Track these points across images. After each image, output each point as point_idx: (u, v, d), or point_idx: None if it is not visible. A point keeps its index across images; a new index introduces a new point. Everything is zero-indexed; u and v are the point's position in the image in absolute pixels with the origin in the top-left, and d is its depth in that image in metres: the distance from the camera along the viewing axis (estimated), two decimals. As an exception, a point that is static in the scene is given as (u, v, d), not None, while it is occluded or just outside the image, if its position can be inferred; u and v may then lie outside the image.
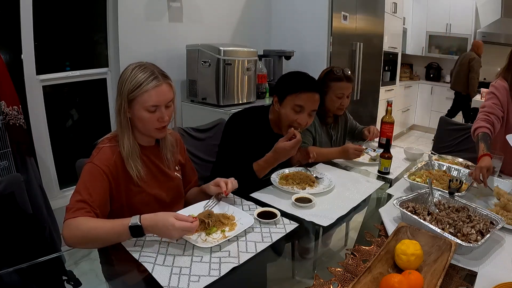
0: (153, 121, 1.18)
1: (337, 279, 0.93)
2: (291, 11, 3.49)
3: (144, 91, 1.14)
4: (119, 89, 1.18)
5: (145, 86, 1.14)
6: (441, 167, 1.69)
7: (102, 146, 1.19)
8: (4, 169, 1.91)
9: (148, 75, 1.16)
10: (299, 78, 1.55)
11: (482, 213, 1.18)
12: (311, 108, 1.54)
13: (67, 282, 0.96)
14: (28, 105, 2.25)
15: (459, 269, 0.98)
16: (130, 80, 1.15)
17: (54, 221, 1.99)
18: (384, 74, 4.77)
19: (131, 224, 0.99)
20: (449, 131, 2.51)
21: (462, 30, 5.51)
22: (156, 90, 1.15)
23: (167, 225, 0.99)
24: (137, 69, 1.17)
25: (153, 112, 1.17)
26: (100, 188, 1.12)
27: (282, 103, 1.55)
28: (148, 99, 1.15)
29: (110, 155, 1.17)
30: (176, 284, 0.89)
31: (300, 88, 1.50)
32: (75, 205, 1.05)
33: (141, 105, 1.15)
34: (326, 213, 1.30)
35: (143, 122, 1.18)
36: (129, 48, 2.60)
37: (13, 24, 2.14)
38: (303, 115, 1.53)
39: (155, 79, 1.16)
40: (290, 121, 1.54)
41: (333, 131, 2.07)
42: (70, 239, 1.01)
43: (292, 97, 1.51)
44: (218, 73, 2.63)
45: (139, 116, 1.17)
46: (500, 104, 1.74)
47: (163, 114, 1.18)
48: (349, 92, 1.94)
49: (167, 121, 1.22)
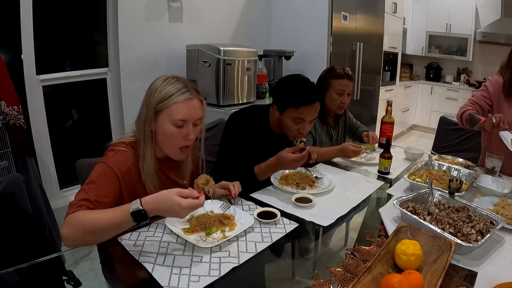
0: (178, 137, 1.11)
1: (337, 279, 0.93)
2: (291, 11, 3.49)
3: (174, 103, 1.08)
4: (146, 99, 1.11)
5: (176, 97, 1.09)
6: (441, 167, 1.69)
7: (118, 149, 1.13)
8: (4, 169, 1.91)
9: (181, 86, 1.10)
10: (299, 90, 1.48)
11: (482, 213, 1.18)
12: (311, 118, 1.52)
13: (67, 282, 0.96)
14: (28, 105, 2.25)
15: (459, 269, 0.98)
16: (160, 90, 1.09)
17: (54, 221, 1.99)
18: (384, 74, 4.77)
19: (133, 210, 0.93)
20: (449, 131, 2.51)
21: (462, 30, 5.51)
22: (187, 103, 1.10)
23: (172, 206, 0.93)
24: (170, 79, 1.12)
25: (179, 127, 1.11)
26: (110, 191, 1.06)
27: (282, 114, 1.52)
28: (176, 111, 1.09)
29: (126, 160, 1.12)
30: (176, 284, 0.89)
31: (300, 103, 1.46)
32: (78, 202, 1.00)
33: (168, 117, 1.09)
34: (326, 213, 1.30)
35: (167, 137, 1.11)
36: (129, 48, 2.60)
37: (13, 24, 2.14)
38: (304, 125, 1.52)
39: (187, 92, 1.11)
40: (292, 132, 1.53)
41: (334, 130, 2.07)
42: (70, 235, 0.94)
43: (292, 110, 1.48)
44: (218, 73, 2.63)
45: (164, 130, 1.11)
46: (489, 97, 1.78)
47: (190, 132, 1.12)
48: (350, 90, 1.94)
49: (192, 140, 1.14)
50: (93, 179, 1.06)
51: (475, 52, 5.58)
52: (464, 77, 5.71)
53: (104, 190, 1.05)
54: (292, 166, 1.45)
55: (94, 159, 1.39)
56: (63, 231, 0.95)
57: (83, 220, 0.95)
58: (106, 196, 1.04)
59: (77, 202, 1.00)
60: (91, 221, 0.95)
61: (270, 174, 1.51)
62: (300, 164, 1.43)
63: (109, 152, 1.13)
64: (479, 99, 1.80)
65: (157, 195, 0.95)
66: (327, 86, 1.92)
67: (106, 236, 0.98)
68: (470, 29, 5.44)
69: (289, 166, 1.45)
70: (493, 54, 5.38)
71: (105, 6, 2.55)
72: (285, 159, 1.40)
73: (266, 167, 1.47)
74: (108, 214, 0.96)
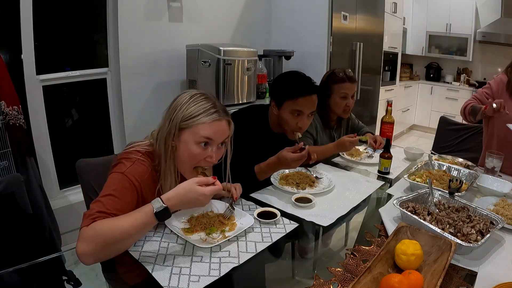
0: (199, 158, 1.06)
1: (337, 279, 0.93)
2: (291, 11, 3.49)
3: (200, 123, 1.04)
4: (171, 114, 1.06)
5: (203, 117, 1.04)
6: (441, 167, 1.69)
7: (136, 159, 1.06)
8: (4, 169, 1.91)
9: (210, 106, 1.05)
10: (295, 82, 1.52)
11: (482, 213, 1.18)
12: (309, 111, 1.53)
13: (67, 282, 0.95)
14: (28, 105, 2.25)
15: (459, 269, 0.98)
16: (187, 107, 1.04)
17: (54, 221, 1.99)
18: (384, 74, 4.77)
19: (157, 210, 0.90)
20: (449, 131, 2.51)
21: (462, 30, 5.51)
22: (214, 124, 1.05)
23: (197, 197, 0.93)
24: (198, 97, 1.07)
25: (203, 148, 1.06)
26: (129, 203, 1.00)
27: (280, 108, 1.54)
28: (202, 131, 1.04)
29: (145, 171, 1.06)
30: (176, 284, 0.89)
31: (297, 94, 1.48)
32: (95, 214, 0.92)
33: (192, 136, 1.04)
34: (326, 213, 1.30)
35: (188, 156, 1.06)
36: (129, 48, 2.60)
37: (13, 24, 2.14)
38: (302, 119, 1.52)
39: (216, 112, 1.05)
40: (291, 126, 1.53)
41: (336, 133, 2.06)
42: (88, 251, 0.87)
43: (289, 102, 1.50)
44: (218, 73, 2.63)
45: (186, 149, 1.05)
46: (492, 94, 1.84)
47: (213, 153, 1.07)
48: (353, 93, 1.93)
49: (212, 163, 1.09)
50: (111, 191, 0.98)
51: (475, 52, 5.58)
52: (464, 77, 5.71)
53: (122, 203, 0.98)
54: (291, 166, 1.45)
55: (94, 159, 1.39)
56: (80, 248, 0.87)
57: (101, 230, 0.88)
58: (125, 209, 0.97)
59: (94, 214, 0.93)
60: (111, 230, 0.89)
61: (270, 174, 1.51)
62: (299, 164, 1.43)
63: (124, 160, 1.05)
64: (481, 96, 1.87)
65: (177, 190, 0.94)
66: (330, 92, 1.90)
67: (129, 244, 0.96)
68: (470, 29, 5.44)
69: (288, 165, 1.45)
70: (493, 54, 5.38)
71: (105, 6, 2.55)
72: (284, 158, 1.40)
73: (266, 166, 1.47)
74: (129, 219, 0.91)
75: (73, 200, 2.50)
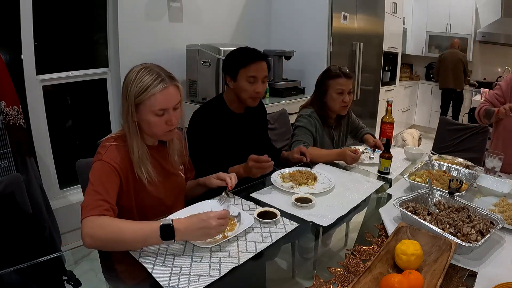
0: (161, 124, 1.16)
1: (337, 279, 0.93)
2: (291, 11, 3.49)
3: (151, 95, 1.11)
4: (125, 93, 1.14)
5: (152, 89, 1.11)
6: (441, 167, 1.69)
7: (109, 145, 1.16)
8: (4, 169, 1.91)
9: (154, 77, 1.13)
10: (244, 52, 1.65)
11: (482, 213, 1.18)
12: (262, 76, 1.63)
13: (67, 282, 0.95)
14: (28, 105, 2.25)
15: (459, 269, 0.98)
16: (136, 84, 1.12)
17: (54, 221, 1.99)
18: (384, 74, 4.77)
19: (162, 224, 0.98)
20: (449, 131, 2.51)
21: (462, 30, 5.51)
22: (163, 93, 1.13)
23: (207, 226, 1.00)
24: (142, 71, 1.14)
25: (161, 116, 1.15)
26: (114, 185, 1.10)
27: (236, 79, 1.62)
28: (155, 103, 1.12)
29: (117, 153, 1.15)
30: (176, 284, 0.89)
31: (248, 61, 1.60)
32: (95, 203, 1.02)
33: (148, 109, 1.13)
34: (326, 213, 1.30)
35: (151, 126, 1.16)
36: (129, 48, 2.60)
37: (13, 24, 2.13)
38: (258, 84, 1.62)
39: (162, 81, 1.13)
40: (249, 93, 1.62)
41: (335, 131, 2.06)
42: (91, 238, 0.96)
43: (243, 70, 1.60)
44: (218, 73, 2.63)
45: (147, 120, 1.15)
46: (502, 94, 1.93)
47: (171, 117, 1.16)
48: (350, 88, 1.92)
49: (175, 124, 1.19)
50: (97, 177, 1.09)
51: (475, 52, 5.58)
52: (464, 77, 5.71)
53: (110, 186, 1.09)
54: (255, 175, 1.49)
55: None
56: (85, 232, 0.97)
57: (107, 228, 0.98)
58: (114, 190, 1.09)
59: (92, 203, 1.02)
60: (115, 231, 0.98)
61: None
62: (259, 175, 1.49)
63: (100, 149, 1.16)
64: (492, 97, 1.97)
65: (190, 216, 1.04)
66: (326, 88, 1.91)
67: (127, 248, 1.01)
68: (470, 29, 5.44)
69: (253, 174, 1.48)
70: (493, 54, 5.38)
71: (105, 6, 2.55)
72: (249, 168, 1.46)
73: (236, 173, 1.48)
74: (135, 226, 1.01)
75: (73, 200, 2.50)
